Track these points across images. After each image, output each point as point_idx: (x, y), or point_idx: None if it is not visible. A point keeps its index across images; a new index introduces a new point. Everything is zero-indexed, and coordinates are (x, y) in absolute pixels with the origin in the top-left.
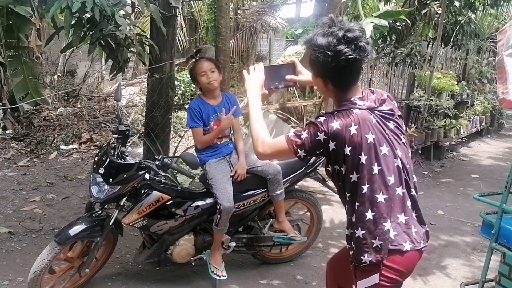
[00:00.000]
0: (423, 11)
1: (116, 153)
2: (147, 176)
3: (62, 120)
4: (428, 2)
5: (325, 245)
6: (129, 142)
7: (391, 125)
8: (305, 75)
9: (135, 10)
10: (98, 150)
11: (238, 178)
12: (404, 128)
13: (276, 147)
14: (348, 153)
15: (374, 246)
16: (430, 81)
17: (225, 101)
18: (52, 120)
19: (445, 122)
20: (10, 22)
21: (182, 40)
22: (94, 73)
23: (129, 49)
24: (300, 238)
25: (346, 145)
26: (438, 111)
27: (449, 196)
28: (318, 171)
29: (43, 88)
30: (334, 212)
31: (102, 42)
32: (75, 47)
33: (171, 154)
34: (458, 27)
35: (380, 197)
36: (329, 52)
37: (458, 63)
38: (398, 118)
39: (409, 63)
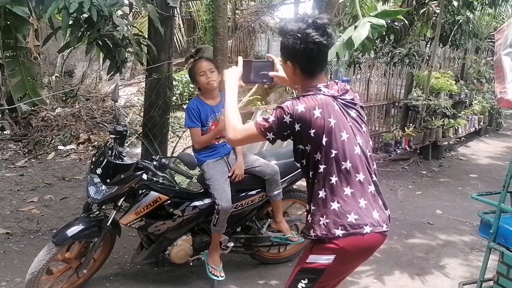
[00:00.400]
0: (421, 11)
1: (113, 153)
2: (144, 176)
3: (60, 120)
4: (426, 1)
5: None
6: (127, 143)
7: (353, 113)
8: (282, 73)
9: (133, 10)
10: (96, 151)
11: (236, 179)
12: (365, 118)
13: (246, 132)
14: (312, 135)
15: (320, 222)
16: (428, 81)
17: (224, 101)
18: (50, 121)
19: (443, 121)
20: (8, 22)
21: (180, 40)
22: (92, 73)
23: (127, 50)
24: (297, 238)
25: (311, 127)
26: (436, 111)
27: (447, 195)
28: None
29: (41, 89)
30: None
31: (99, 42)
32: (72, 48)
33: (169, 155)
34: (456, 26)
35: (333, 179)
36: (298, 35)
37: (456, 62)
38: (359, 108)
39: (407, 63)
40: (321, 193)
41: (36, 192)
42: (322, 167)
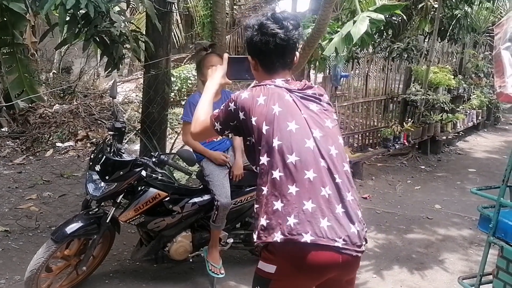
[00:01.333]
0: (420, 5)
1: (112, 150)
2: (143, 173)
3: (58, 117)
4: None
5: None
6: (125, 139)
7: (313, 107)
8: None
9: (130, 6)
10: (94, 148)
11: (235, 179)
12: (335, 116)
13: (202, 124)
14: (254, 123)
15: (260, 223)
16: (427, 76)
17: (224, 98)
18: (48, 118)
19: (441, 116)
20: (5, 19)
21: (178, 36)
22: (89, 70)
23: (124, 46)
24: None
25: (253, 115)
26: (435, 106)
27: (446, 190)
28: None
29: (39, 85)
30: None
31: (97, 38)
32: (70, 44)
33: (167, 151)
34: (454, 21)
35: (276, 174)
36: (256, 27)
37: (454, 57)
38: (326, 104)
39: (405, 57)
40: (264, 190)
41: (34, 190)
42: (264, 159)
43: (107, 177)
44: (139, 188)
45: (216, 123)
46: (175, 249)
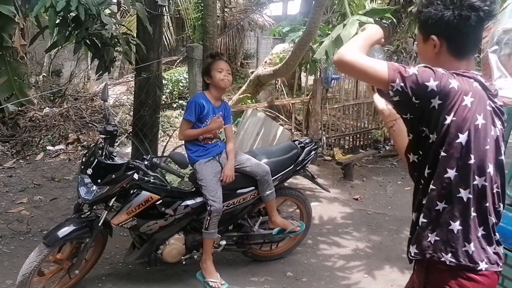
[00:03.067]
0: (409, 9)
1: (104, 153)
2: (136, 176)
3: (48, 120)
4: None
5: (314, 241)
6: (117, 142)
7: (498, 127)
8: None
9: (121, 9)
10: (86, 151)
11: (225, 179)
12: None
13: (366, 61)
14: (449, 123)
15: (428, 240)
16: None
17: (224, 106)
18: (38, 121)
19: None
20: None
21: (169, 39)
22: (80, 72)
23: (115, 49)
24: (299, 227)
25: (452, 112)
26: None
27: None
28: (307, 168)
29: (28, 89)
30: (323, 209)
31: (87, 41)
32: (60, 47)
33: (159, 154)
34: None
35: (464, 194)
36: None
37: None
38: (502, 125)
39: (395, 60)
40: (440, 205)
41: (25, 193)
42: (452, 172)
43: (99, 181)
44: (131, 191)
45: (398, 80)
46: (168, 251)
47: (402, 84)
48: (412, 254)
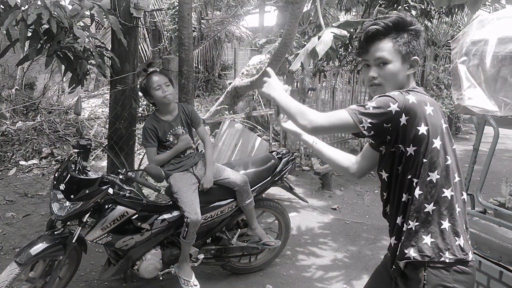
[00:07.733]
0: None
1: (77, 168)
2: (110, 190)
3: (21, 135)
4: (386, 12)
5: (293, 252)
6: (92, 156)
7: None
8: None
9: (95, 21)
10: (59, 166)
11: (204, 189)
12: None
13: (333, 117)
14: (425, 133)
15: (424, 242)
16: None
17: (182, 113)
18: (10, 135)
19: None
20: None
21: (145, 51)
22: (54, 85)
23: (89, 61)
24: (274, 242)
25: (422, 124)
26: None
27: None
28: (285, 179)
29: (0, 103)
30: (301, 219)
31: (60, 54)
32: (32, 60)
33: (136, 167)
34: None
35: (447, 193)
36: (422, 28)
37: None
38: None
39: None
40: (428, 208)
41: None
42: (434, 175)
43: (72, 196)
44: (106, 206)
45: (364, 120)
46: (145, 267)
47: (370, 120)
48: (413, 257)
